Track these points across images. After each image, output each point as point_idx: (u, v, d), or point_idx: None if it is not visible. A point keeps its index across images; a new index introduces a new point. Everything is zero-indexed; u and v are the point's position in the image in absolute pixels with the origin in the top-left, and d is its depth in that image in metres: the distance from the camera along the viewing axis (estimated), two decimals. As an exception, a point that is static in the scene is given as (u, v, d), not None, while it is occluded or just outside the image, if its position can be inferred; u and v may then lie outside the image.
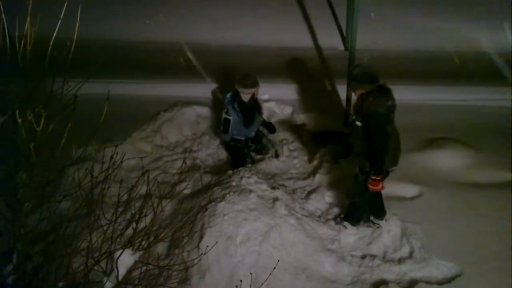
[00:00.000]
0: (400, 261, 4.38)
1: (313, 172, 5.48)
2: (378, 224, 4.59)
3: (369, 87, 4.07)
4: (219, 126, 5.33)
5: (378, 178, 4.09)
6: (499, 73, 7.04)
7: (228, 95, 5.19)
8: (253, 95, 5.22)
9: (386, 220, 4.58)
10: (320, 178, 5.33)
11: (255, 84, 5.17)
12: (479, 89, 6.75)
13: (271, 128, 5.65)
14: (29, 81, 2.93)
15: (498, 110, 6.35)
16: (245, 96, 5.15)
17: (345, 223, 4.66)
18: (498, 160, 5.40)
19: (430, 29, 7.95)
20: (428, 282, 4.14)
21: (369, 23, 7.52)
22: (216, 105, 6.35)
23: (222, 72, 6.93)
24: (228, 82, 6.73)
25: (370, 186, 4.15)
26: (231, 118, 5.10)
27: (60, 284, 2.90)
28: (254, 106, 5.38)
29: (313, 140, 5.90)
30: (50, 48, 2.89)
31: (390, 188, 4.63)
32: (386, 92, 4.07)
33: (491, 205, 4.78)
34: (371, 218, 4.62)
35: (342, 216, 4.73)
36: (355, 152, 4.30)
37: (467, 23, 8.11)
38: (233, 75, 6.80)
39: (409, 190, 5.02)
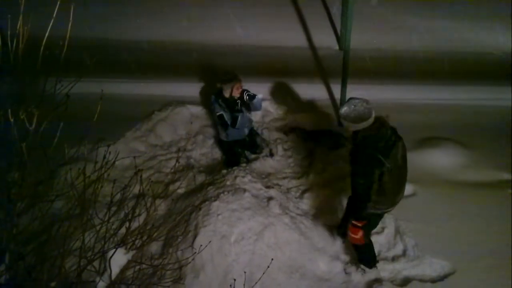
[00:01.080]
0: (394, 259, 4.40)
1: (307, 172, 5.48)
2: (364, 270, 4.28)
3: (361, 125, 3.54)
4: (218, 128, 5.46)
5: (359, 224, 3.74)
6: (493, 72, 7.07)
7: (212, 96, 5.32)
8: (232, 90, 5.22)
9: (377, 268, 4.30)
10: (314, 177, 5.34)
11: (232, 79, 5.20)
12: (473, 89, 6.76)
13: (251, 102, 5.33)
14: (22, 80, 2.92)
15: (492, 109, 6.36)
16: (226, 92, 5.21)
17: (362, 266, 4.27)
18: (492, 160, 5.42)
19: (424, 29, 7.96)
20: (421, 280, 4.16)
21: (364, 23, 7.51)
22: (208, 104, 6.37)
23: (214, 72, 6.93)
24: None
25: (350, 234, 3.82)
26: (222, 113, 5.21)
27: (53, 284, 2.89)
28: (238, 103, 5.32)
29: (306, 139, 5.92)
30: (42, 47, 2.88)
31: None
32: (380, 130, 3.59)
33: (484, 204, 4.80)
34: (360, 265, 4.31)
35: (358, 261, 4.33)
36: None
37: (461, 23, 8.13)
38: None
39: (403, 189, 5.04)
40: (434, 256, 4.33)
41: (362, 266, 4.27)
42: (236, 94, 5.22)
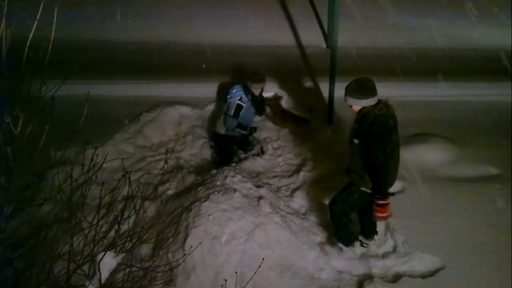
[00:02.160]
0: (384, 255, 4.42)
1: (297, 170, 5.50)
2: (366, 244, 4.45)
3: (366, 101, 3.69)
4: (220, 117, 5.64)
5: (386, 202, 3.76)
6: (480, 68, 7.14)
7: (239, 87, 5.57)
8: (262, 89, 5.58)
9: (375, 240, 4.47)
10: (304, 175, 5.36)
11: (264, 80, 5.57)
12: (460, 85, 6.83)
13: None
14: (6, 83, 2.88)
15: (479, 105, 6.44)
16: (256, 91, 5.50)
17: (340, 244, 4.38)
18: (479, 155, 5.47)
19: (411, 26, 8.04)
20: (411, 276, 4.18)
21: (350, 21, 7.55)
22: (198, 104, 6.35)
23: (204, 71, 6.92)
24: (209, 80, 6.75)
25: (378, 214, 3.79)
26: (244, 104, 5.45)
27: (42, 288, 2.86)
28: (263, 100, 5.74)
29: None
30: (27, 49, 2.84)
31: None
32: (387, 110, 3.75)
33: (473, 199, 4.84)
34: (360, 237, 4.46)
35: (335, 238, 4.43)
36: (349, 168, 4.02)
37: (449, 19, 8.22)
38: (215, 73, 6.82)
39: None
40: (424, 252, 4.35)
41: (339, 244, 4.36)
42: (260, 94, 5.60)
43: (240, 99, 5.47)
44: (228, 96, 5.53)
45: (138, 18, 8.14)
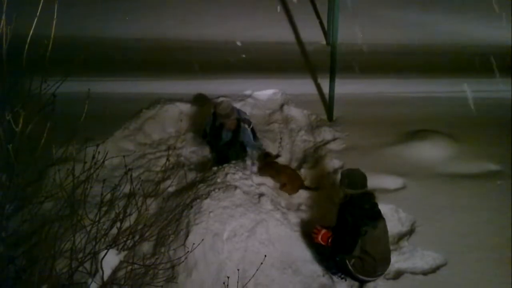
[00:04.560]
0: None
1: (298, 166, 5.49)
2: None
3: (350, 191, 4.03)
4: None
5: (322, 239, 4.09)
6: (481, 65, 7.13)
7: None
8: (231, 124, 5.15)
9: (345, 280, 4.33)
10: (304, 172, 5.36)
11: (229, 115, 5.06)
12: (461, 82, 6.83)
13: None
14: (6, 80, 2.87)
15: (479, 102, 6.44)
16: (218, 122, 5.15)
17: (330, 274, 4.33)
18: (480, 151, 5.49)
19: (412, 22, 8.03)
20: (413, 273, 4.19)
21: (350, 17, 7.54)
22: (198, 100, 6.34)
23: (203, 68, 6.91)
24: (209, 76, 6.74)
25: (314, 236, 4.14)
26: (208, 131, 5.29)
27: (44, 286, 2.85)
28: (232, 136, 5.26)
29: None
30: (27, 46, 2.83)
31: (375, 180, 4.66)
32: (364, 195, 4.02)
33: (473, 195, 4.85)
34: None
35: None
36: None
37: (449, 16, 8.21)
38: (215, 71, 6.81)
39: (393, 182, 5.06)
40: (426, 248, 4.36)
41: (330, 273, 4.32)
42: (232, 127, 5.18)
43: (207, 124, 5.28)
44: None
45: (138, 15, 8.13)
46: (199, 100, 6.42)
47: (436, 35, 7.81)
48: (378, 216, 4.01)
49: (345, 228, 3.93)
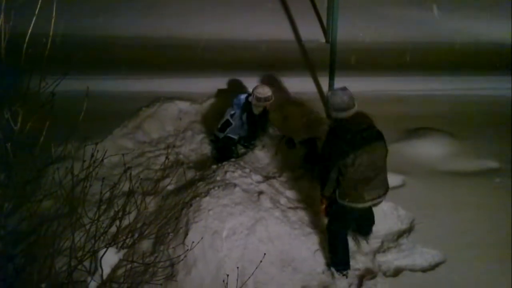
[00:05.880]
0: (385, 250, 4.42)
1: (297, 163, 5.48)
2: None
3: (340, 114, 3.74)
4: (217, 122, 5.40)
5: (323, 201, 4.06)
6: (481, 63, 7.13)
7: (240, 99, 5.23)
8: (264, 108, 5.26)
9: (368, 242, 4.44)
10: (305, 170, 5.35)
11: (267, 98, 5.14)
12: (462, 79, 6.84)
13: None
14: (5, 79, 2.87)
15: (481, 99, 6.44)
16: (256, 109, 5.20)
17: (332, 269, 4.20)
18: (479, 149, 5.48)
19: (411, 20, 8.02)
20: (412, 270, 4.19)
21: (350, 15, 7.54)
22: (197, 99, 6.32)
23: (202, 66, 6.90)
24: (208, 75, 6.72)
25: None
26: (233, 123, 5.23)
27: (43, 285, 2.85)
28: (264, 119, 5.43)
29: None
30: (25, 44, 2.82)
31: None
32: (352, 124, 3.72)
33: (473, 193, 4.85)
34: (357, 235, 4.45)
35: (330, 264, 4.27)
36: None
37: (449, 13, 8.21)
38: (214, 68, 6.79)
39: (392, 179, 5.02)
40: (425, 246, 4.36)
41: (332, 269, 4.21)
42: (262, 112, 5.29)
43: (232, 115, 5.20)
44: (232, 103, 5.32)
45: (138, 13, 8.11)
46: (198, 98, 6.41)
47: (435, 32, 7.80)
48: (371, 138, 3.71)
49: (326, 158, 3.81)
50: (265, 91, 5.10)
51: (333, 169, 3.78)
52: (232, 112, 5.23)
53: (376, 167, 3.80)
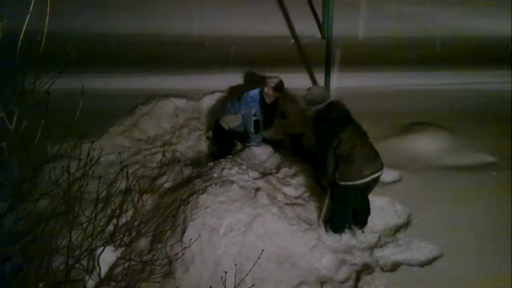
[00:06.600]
0: (383, 245, 4.44)
1: (295, 159, 5.48)
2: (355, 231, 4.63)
3: (315, 108, 4.28)
4: (228, 111, 5.39)
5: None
6: (477, 57, 7.14)
7: (255, 95, 5.24)
8: (275, 99, 5.34)
9: (363, 232, 4.60)
10: (301, 164, 5.35)
11: (281, 89, 5.27)
12: (456, 74, 6.85)
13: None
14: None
15: (477, 94, 6.45)
16: (268, 98, 5.25)
17: (327, 227, 4.57)
18: (475, 143, 5.50)
19: (408, 15, 8.02)
20: (409, 265, 4.21)
21: (345, 11, 7.52)
22: (193, 96, 6.31)
23: (198, 63, 6.88)
24: (204, 72, 6.70)
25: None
26: (259, 119, 5.28)
27: (41, 284, 2.84)
28: (273, 109, 5.49)
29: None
30: (20, 42, 2.80)
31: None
32: (328, 108, 4.23)
33: (469, 187, 4.86)
34: (352, 225, 4.62)
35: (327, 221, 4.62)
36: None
37: (448, 8, 8.21)
38: (210, 65, 6.77)
39: (389, 174, 5.05)
40: (422, 240, 4.37)
41: (328, 227, 4.53)
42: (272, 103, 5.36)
43: (255, 115, 5.23)
44: (243, 100, 5.27)
45: (133, 10, 8.07)
46: (194, 95, 6.39)
47: (432, 27, 7.80)
48: (346, 122, 4.15)
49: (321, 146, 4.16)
50: (280, 81, 5.25)
51: (328, 152, 4.08)
52: (254, 113, 5.24)
53: (366, 142, 4.17)
